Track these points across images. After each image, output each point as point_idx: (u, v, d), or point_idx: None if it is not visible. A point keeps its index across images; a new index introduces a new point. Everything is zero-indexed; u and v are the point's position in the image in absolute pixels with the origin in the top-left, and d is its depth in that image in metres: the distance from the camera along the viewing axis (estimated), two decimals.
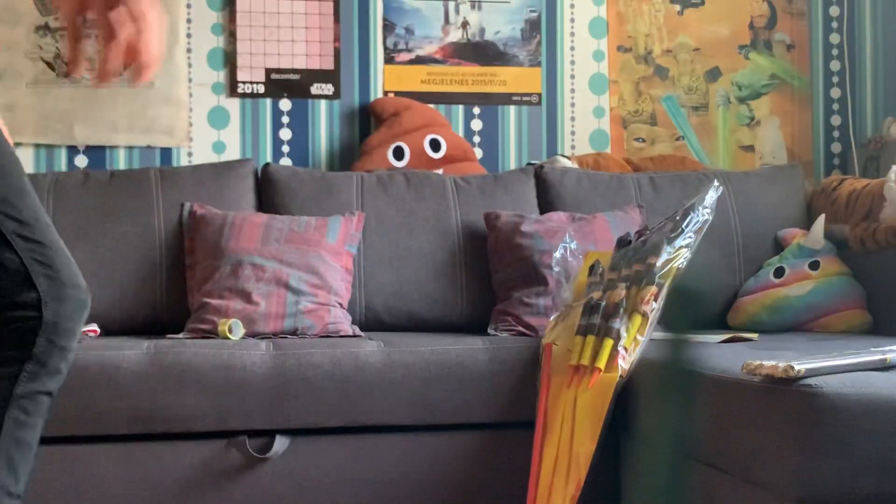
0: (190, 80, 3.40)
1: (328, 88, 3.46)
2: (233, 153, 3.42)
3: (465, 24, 3.57)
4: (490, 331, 2.85)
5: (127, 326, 2.90)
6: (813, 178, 3.68)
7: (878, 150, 3.55)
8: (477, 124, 3.56)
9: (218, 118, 3.42)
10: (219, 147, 3.41)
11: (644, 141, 3.67)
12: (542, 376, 2.48)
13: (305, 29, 3.45)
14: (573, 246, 2.89)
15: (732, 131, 3.72)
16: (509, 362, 2.54)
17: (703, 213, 2.57)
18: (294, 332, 2.72)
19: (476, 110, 3.57)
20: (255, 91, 3.43)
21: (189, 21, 3.41)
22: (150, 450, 2.41)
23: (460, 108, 3.56)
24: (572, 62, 3.62)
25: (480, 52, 3.58)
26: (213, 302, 2.76)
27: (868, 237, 3.03)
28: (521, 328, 2.81)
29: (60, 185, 3.00)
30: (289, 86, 3.44)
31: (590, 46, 3.64)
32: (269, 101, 3.44)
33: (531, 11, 3.60)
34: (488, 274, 3.03)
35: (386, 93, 3.50)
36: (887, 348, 1.97)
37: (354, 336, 2.74)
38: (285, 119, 3.45)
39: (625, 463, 2.47)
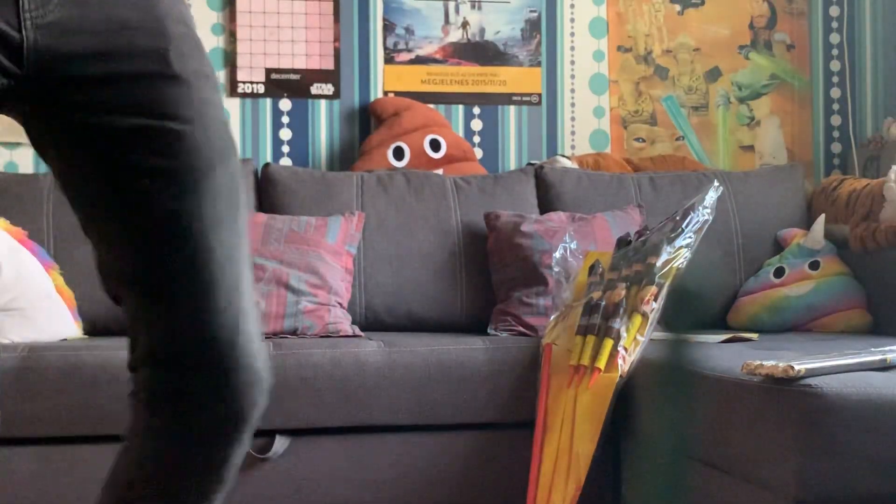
0: None
1: (328, 88, 3.46)
2: None
3: (465, 24, 3.57)
4: (490, 331, 2.85)
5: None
6: (813, 178, 3.68)
7: (878, 150, 3.55)
8: (477, 124, 3.56)
9: None
10: None
11: (644, 141, 3.67)
12: (542, 376, 2.48)
13: (305, 29, 3.45)
14: (573, 246, 2.89)
15: (732, 131, 3.72)
16: (509, 362, 2.54)
17: (703, 213, 2.57)
18: (294, 332, 2.72)
19: (476, 110, 3.57)
20: (255, 91, 3.43)
21: None
22: None
23: (460, 108, 3.56)
24: (572, 62, 3.62)
25: (480, 52, 3.57)
26: None
27: (868, 237, 3.03)
28: (521, 328, 2.81)
29: None
30: (289, 86, 3.44)
31: (590, 46, 3.64)
32: (269, 101, 3.44)
33: (531, 11, 3.60)
34: (488, 274, 3.03)
35: (386, 93, 3.50)
36: (887, 348, 1.98)
37: (354, 336, 2.74)
38: (285, 119, 3.45)
39: (625, 463, 2.47)
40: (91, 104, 1.12)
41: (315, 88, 3.46)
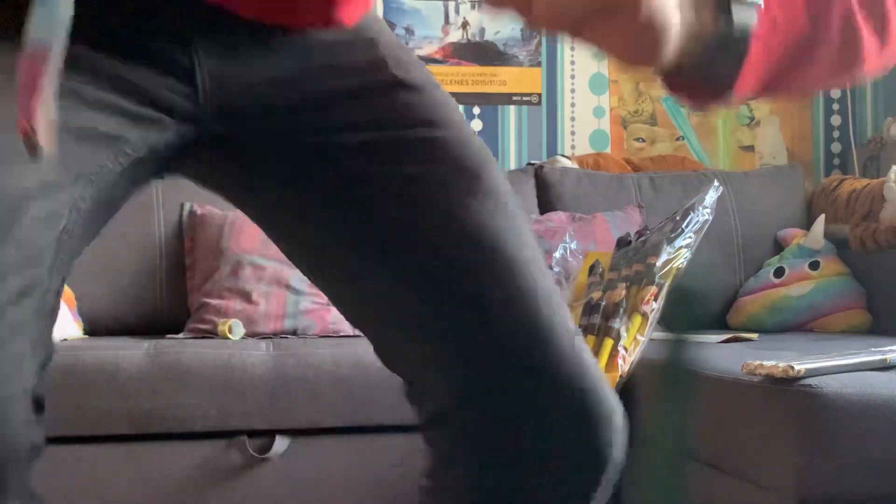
0: None
1: None
2: None
3: (465, 24, 3.57)
4: None
5: (127, 326, 2.90)
6: (813, 178, 3.68)
7: (878, 150, 3.55)
8: (477, 124, 3.56)
9: None
10: None
11: (644, 141, 3.67)
12: None
13: None
14: (573, 246, 2.89)
15: (732, 131, 3.72)
16: None
17: (703, 213, 2.57)
18: (294, 332, 2.72)
19: (476, 110, 3.57)
20: None
21: None
22: (150, 450, 2.41)
23: (460, 108, 3.55)
24: (572, 62, 3.62)
25: (480, 52, 3.57)
26: (213, 302, 2.75)
27: (868, 237, 3.03)
28: None
29: None
30: None
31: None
32: None
33: None
34: None
35: None
36: (887, 348, 1.97)
37: (355, 336, 2.74)
38: None
39: (625, 463, 2.47)
40: (313, 126, 0.99)
41: None
